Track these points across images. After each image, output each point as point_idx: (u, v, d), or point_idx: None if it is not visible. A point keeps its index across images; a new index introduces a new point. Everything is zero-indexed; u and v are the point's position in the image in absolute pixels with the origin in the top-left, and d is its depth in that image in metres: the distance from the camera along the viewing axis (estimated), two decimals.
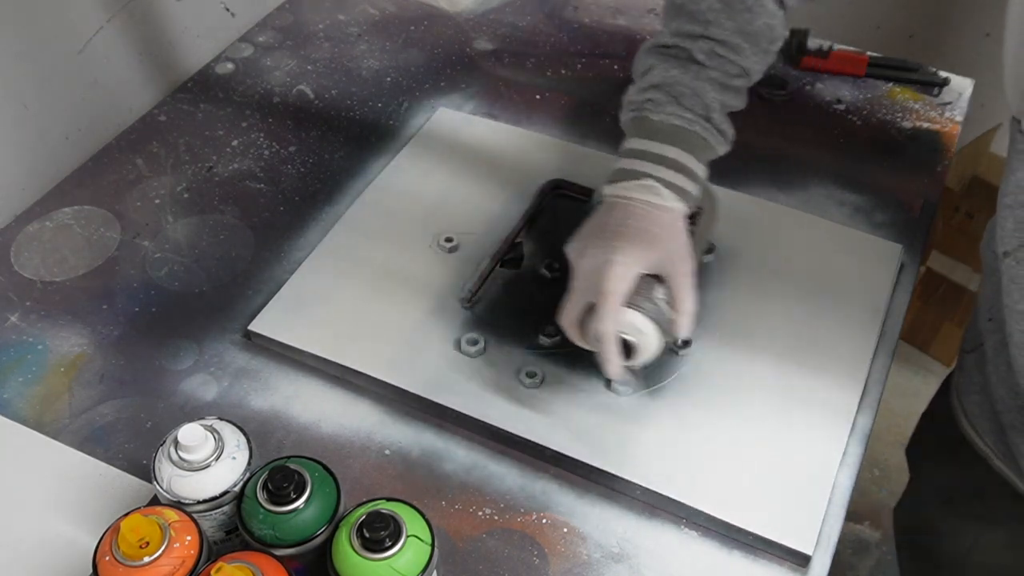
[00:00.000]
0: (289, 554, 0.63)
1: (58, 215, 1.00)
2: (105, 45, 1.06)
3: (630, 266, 0.71)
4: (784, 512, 0.73)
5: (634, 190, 0.74)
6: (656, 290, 0.74)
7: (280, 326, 0.86)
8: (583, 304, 0.73)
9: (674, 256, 0.73)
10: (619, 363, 0.72)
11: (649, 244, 0.72)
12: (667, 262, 0.72)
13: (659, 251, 0.72)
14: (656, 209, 0.73)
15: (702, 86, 0.74)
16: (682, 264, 0.73)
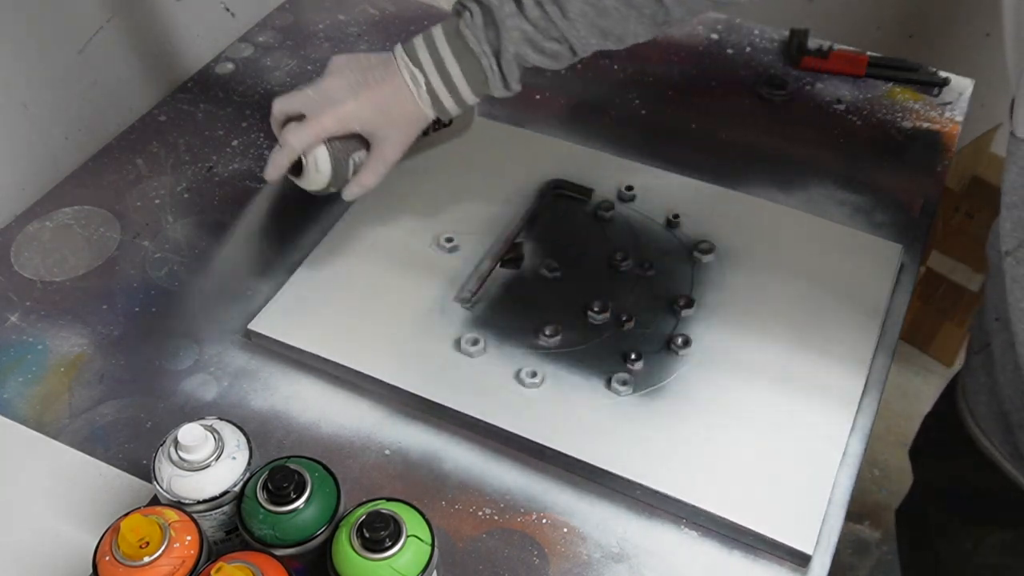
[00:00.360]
0: (289, 554, 0.63)
1: (58, 215, 1.00)
2: (105, 45, 1.06)
3: (351, 119, 0.79)
4: (784, 512, 0.73)
5: (406, 70, 0.79)
6: (359, 151, 0.81)
7: (280, 326, 0.86)
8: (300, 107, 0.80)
9: (390, 139, 0.80)
10: (279, 170, 0.80)
11: (381, 117, 0.79)
12: (382, 139, 0.80)
13: (383, 127, 0.79)
14: (408, 99, 0.79)
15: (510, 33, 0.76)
16: (390, 150, 0.80)
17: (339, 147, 0.81)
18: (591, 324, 0.86)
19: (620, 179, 0.99)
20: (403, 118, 0.80)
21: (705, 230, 0.94)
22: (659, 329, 0.86)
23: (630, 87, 1.15)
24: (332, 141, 0.80)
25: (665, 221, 0.96)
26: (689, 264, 0.92)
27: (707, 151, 1.06)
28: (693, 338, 0.84)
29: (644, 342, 0.85)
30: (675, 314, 0.87)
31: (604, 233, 0.95)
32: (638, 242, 0.94)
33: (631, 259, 0.91)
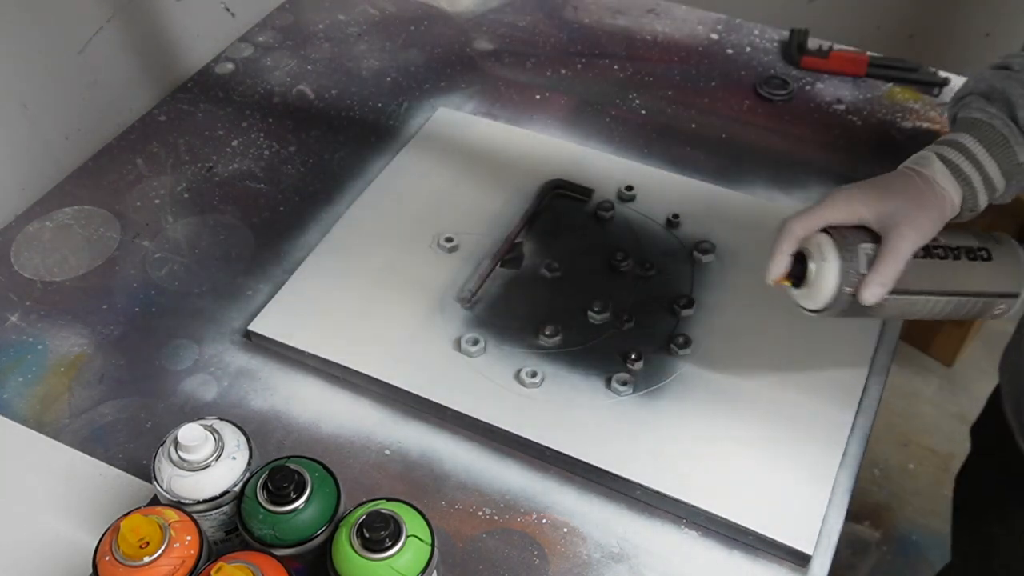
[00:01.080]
0: (289, 554, 0.63)
1: (58, 215, 1.00)
2: (105, 45, 1.06)
3: (851, 201, 0.70)
4: (784, 512, 0.73)
5: (911, 160, 0.72)
6: (865, 243, 0.70)
7: (280, 326, 0.86)
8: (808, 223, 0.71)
9: (901, 218, 0.68)
10: (780, 269, 0.71)
11: (882, 194, 0.70)
12: (890, 221, 0.69)
13: (887, 205, 0.69)
14: (915, 174, 0.71)
15: (1011, 85, 0.71)
16: (905, 230, 0.68)
17: (843, 236, 0.70)
18: (591, 324, 0.86)
19: (620, 179, 0.99)
20: (909, 192, 0.69)
21: (705, 230, 0.94)
22: (659, 329, 0.86)
23: (630, 87, 1.15)
24: (838, 230, 0.70)
25: (665, 221, 0.96)
26: (689, 264, 0.92)
27: (707, 151, 1.06)
28: (693, 338, 0.84)
29: (644, 342, 0.85)
30: (675, 314, 0.87)
31: (604, 233, 0.95)
32: (638, 242, 0.94)
33: (631, 259, 0.91)
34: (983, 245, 0.74)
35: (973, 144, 0.71)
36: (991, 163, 0.71)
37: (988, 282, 0.73)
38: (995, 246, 0.74)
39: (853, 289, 0.69)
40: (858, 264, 0.69)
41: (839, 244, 0.70)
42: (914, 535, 1.66)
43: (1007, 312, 0.74)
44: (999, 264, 0.74)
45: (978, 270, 0.73)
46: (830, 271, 0.70)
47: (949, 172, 0.70)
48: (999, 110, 0.72)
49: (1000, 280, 0.74)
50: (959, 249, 0.73)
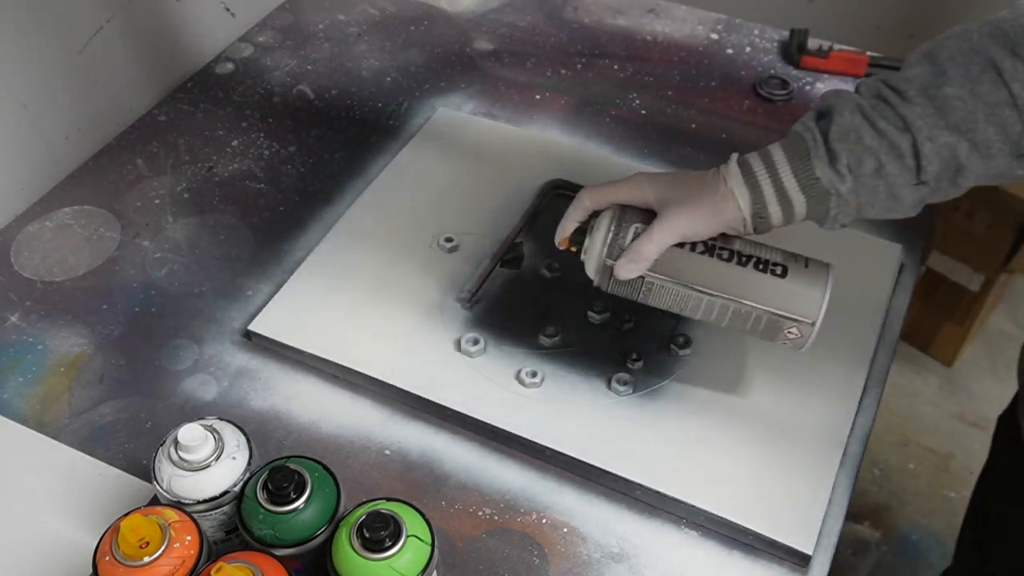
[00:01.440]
0: (289, 554, 0.63)
1: (58, 215, 1.00)
2: (105, 45, 1.06)
3: (642, 183, 0.72)
4: (784, 512, 0.73)
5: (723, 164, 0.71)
6: (638, 223, 0.72)
7: (280, 326, 0.86)
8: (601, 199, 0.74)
9: (673, 206, 0.70)
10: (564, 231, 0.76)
11: (671, 182, 0.71)
12: (664, 207, 0.70)
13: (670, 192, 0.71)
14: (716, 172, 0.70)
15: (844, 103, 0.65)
16: (670, 215, 0.70)
17: (626, 212, 0.72)
18: (591, 324, 0.86)
19: None
20: (701, 189, 0.69)
21: None
22: (659, 329, 0.86)
23: (630, 87, 1.15)
24: (624, 208, 0.73)
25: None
26: None
27: (707, 151, 1.06)
28: (693, 338, 0.84)
29: (644, 342, 0.85)
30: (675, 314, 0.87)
31: None
32: None
33: None
34: (783, 263, 0.72)
35: (778, 153, 0.68)
36: (788, 174, 0.67)
37: (773, 299, 0.71)
38: (798, 268, 0.72)
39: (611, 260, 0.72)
40: (624, 240, 0.72)
41: (615, 219, 0.72)
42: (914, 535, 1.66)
43: (801, 340, 0.72)
44: (792, 284, 0.71)
45: (764, 283, 0.71)
46: (597, 241, 0.73)
47: (741, 175, 0.68)
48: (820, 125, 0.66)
49: (788, 300, 0.71)
50: (750, 258, 0.72)
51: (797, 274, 0.71)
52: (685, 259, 0.71)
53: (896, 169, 0.64)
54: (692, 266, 0.72)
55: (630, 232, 0.71)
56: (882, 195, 0.65)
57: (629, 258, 0.71)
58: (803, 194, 0.67)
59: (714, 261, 0.71)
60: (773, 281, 0.71)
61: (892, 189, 0.65)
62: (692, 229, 0.70)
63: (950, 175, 0.65)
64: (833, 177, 0.65)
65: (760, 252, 0.72)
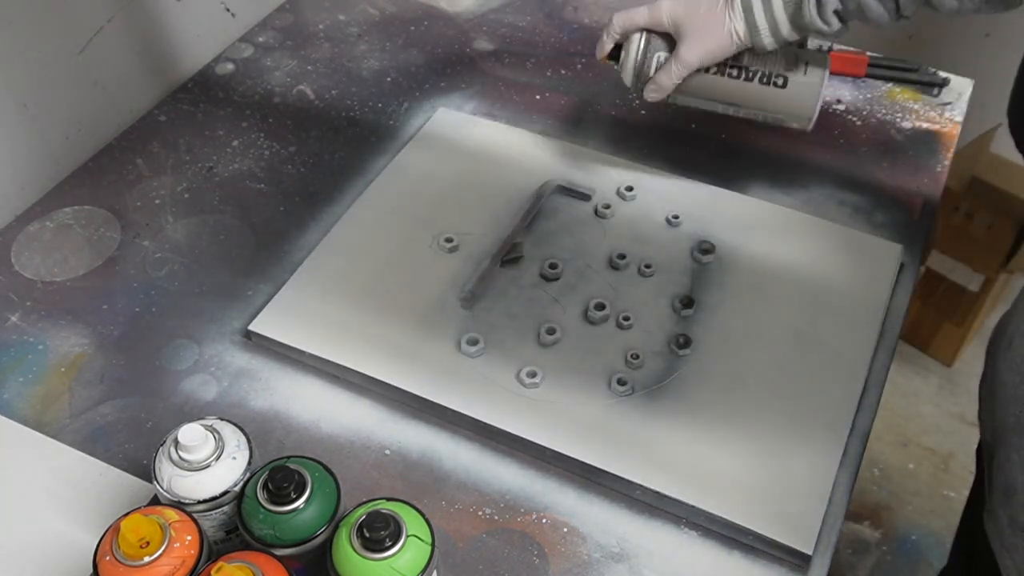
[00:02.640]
0: (289, 554, 0.63)
1: (58, 215, 1.00)
2: (105, 45, 1.06)
3: (662, 12, 0.86)
4: (784, 512, 0.73)
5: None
6: (661, 52, 0.88)
7: (280, 326, 0.86)
8: None
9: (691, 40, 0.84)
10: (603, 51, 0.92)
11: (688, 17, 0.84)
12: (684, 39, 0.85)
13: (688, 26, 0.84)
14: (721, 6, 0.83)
15: None
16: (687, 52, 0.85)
17: (651, 40, 0.88)
18: (591, 324, 0.86)
19: (620, 179, 0.99)
20: (710, 22, 0.83)
21: (705, 230, 0.94)
22: (659, 329, 0.86)
23: None
24: (650, 34, 0.88)
25: (665, 221, 0.96)
26: (689, 264, 0.92)
27: (707, 151, 1.06)
28: (693, 338, 0.85)
29: (644, 342, 0.85)
30: (675, 314, 0.87)
31: (604, 233, 0.95)
32: (638, 242, 0.94)
33: (631, 259, 0.91)
34: (784, 73, 0.88)
35: None
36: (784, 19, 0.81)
37: (775, 105, 0.90)
38: (797, 76, 0.88)
39: (643, 85, 0.90)
40: (649, 68, 0.89)
41: (640, 48, 0.89)
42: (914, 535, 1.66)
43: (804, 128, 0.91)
44: (791, 91, 0.89)
45: (768, 93, 0.89)
46: (628, 65, 0.90)
47: (743, 12, 0.82)
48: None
49: (787, 106, 0.90)
50: (755, 72, 0.88)
51: (796, 81, 0.89)
52: (700, 80, 0.89)
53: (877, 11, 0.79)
54: (707, 85, 0.90)
55: (653, 60, 0.89)
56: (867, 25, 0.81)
57: (654, 87, 0.89)
58: (794, 31, 0.82)
59: (725, 79, 0.89)
60: (775, 92, 0.89)
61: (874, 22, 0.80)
62: (702, 61, 0.86)
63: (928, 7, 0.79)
64: (820, 24, 0.81)
65: (765, 65, 0.88)
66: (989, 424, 0.81)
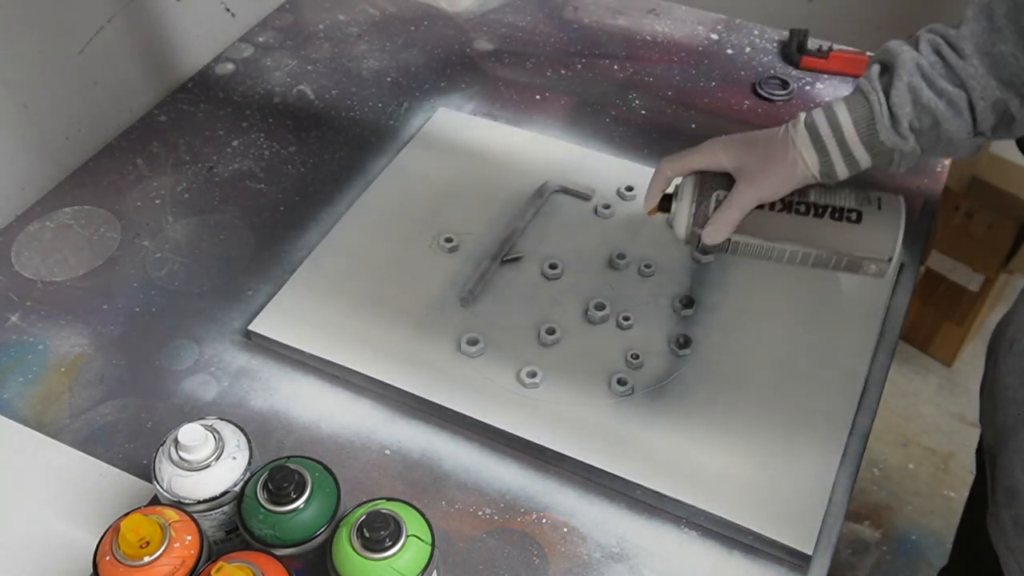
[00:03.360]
0: (289, 554, 0.63)
1: (58, 215, 1.00)
2: (105, 45, 1.06)
3: (716, 150, 0.76)
4: (784, 512, 0.73)
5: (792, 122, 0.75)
6: (721, 191, 0.77)
7: (280, 326, 0.86)
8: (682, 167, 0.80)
9: (748, 173, 0.75)
10: (652, 200, 0.81)
11: (744, 147, 0.76)
12: (741, 174, 0.75)
13: (744, 158, 0.75)
14: (785, 133, 0.74)
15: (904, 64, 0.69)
16: (744, 185, 0.75)
17: (707, 180, 0.78)
18: (591, 324, 0.86)
19: (620, 179, 0.99)
20: (772, 152, 0.74)
21: None
22: (659, 329, 0.86)
23: (630, 87, 1.15)
24: (704, 175, 0.78)
25: (665, 221, 0.95)
26: (689, 264, 0.92)
27: None
28: (693, 338, 0.85)
29: (644, 342, 0.85)
30: (675, 314, 0.87)
31: (604, 232, 0.95)
32: (638, 242, 0.94)
33: (631, 259, 0.91)
34: (857, 207, 0.77)
35: (843, 114, 0.72)
36: (855, 139, 0.72)
37: (851, 244, 0.78)
38: (871, 211, 0.77)
39: (701, 229, 0.78)
40: (708, 208, 0.78)
41: (697, 188, 0.78)
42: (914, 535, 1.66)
43: (880, 272, 0.79)
44: (867, 228, 0.77)
45: (842, 231, 0.78)
46: (683, 210, 0.79)
47: (809, 138, 0.73)
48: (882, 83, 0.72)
49: (865, 244, 0.78)
50: (826, 208, 0.77)
51: (871, 217, 0.78)
52: (765, 218, 0.78)
53: (953, 125, 0.69)
54: (773, 224, 0.78)
55: (712, 200, 0.77)
56: (942, 145, 0.72)
57: (715, 227, 0.77)
58: (868, 153, 0.73)
59: (792, 217, 0.78)
60: (850, 228, 0.78)
61: (951, 141, 0.71)
62: (768, 193, 0.76)
63: (1005, 125, 0.70)
64: (896, 139, 0.71)
65: (835, 200, 0.78)
66: (990, 426, 0.80)
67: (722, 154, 0.76)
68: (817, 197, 0.78)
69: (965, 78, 0.68)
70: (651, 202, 0.81)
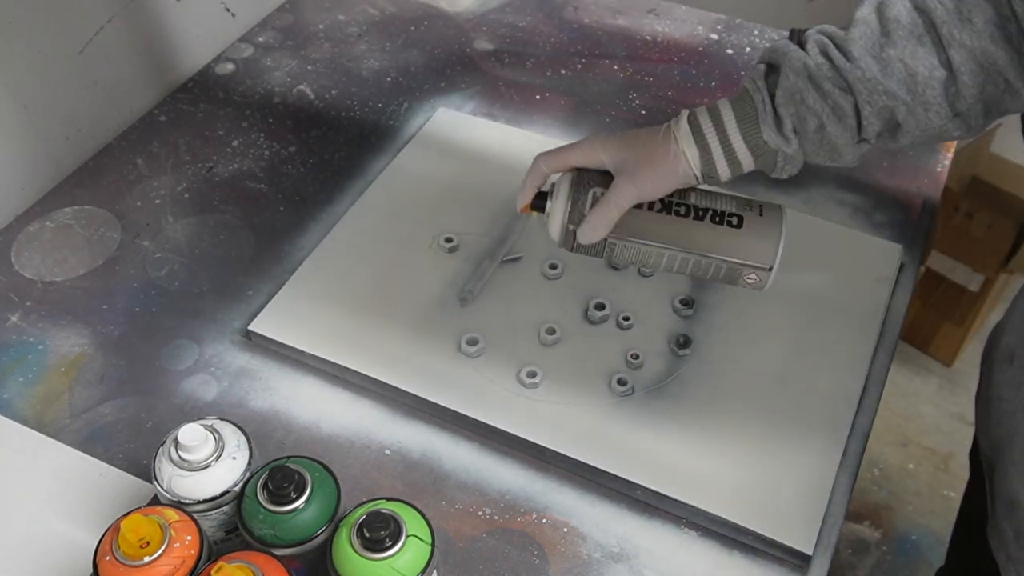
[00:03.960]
0: (289, 554, 0.63)
1: (58, 215, 1.00)
2: (105, 45, 1.06)
3: (595, 146, 0.73)
4: (784, 512, 0.73)
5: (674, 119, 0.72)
6: (597, 188, 0.73)
7: (280, 326, 0.86)
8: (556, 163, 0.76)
9: (627, 170, 0.71)
10: (525, 197, 0.76)
11: (625, 144, 0.72)
12: (619, 171, 0.72)
13: (624, 155, 0.72)
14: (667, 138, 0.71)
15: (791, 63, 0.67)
16: (624, 182, 0.71)
17: (584, 176, 0.74)
18: (591, 324, 0.86)
19: None
20: (653, 150, 0.71)
21: None
22: (659, 329, 0.86)
23: (630, 87, 1.15)
24: (581, 172, 0.74)
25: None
26: None
27: None
28: (693, 338, 0.85)
29: (644, 342, 0.85)
30: (675, 314, 0.87)
31: None
32: None
33: None
34: (739, 212, 0.74)
35: (727, 113, 0.70)
36: (738, 137, 0.69)
37: (730, 249, 0.74)
38: (753, 217, 0.74)
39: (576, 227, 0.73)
40: (584, 206, 0.73)
41: (574, 185, 0.73)
42: (914, 535, 1.66)
43: (760, 283, 0.75)
44: (748, 234, 0.73)
45: (721, 235, 0.73)
46: (558, 208, 0.74)
47: (692, 135, 0.70)
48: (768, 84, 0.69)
49: (745, 250, 0.74)
50: (706, 211, 0.74)
51: (752, 223, 0.74)
52: (644, 219, 0.74)
53: (837, 130, 0.67)
54: (651, 225, 0.74)
55: (588, 197, 0.73)
56: (825, 150, 0.69)
57: (590, 225, 0.72)
58: (751, 154, 0.70)
59: (671, 218, 0.74)
60: (729, 233, 0.73)
61: (834, 146, 0.68)
62: (648, 191, 0.72)
63: (889, 133, 0.67)
64: (779, 140, 0.68)
65: (716, 204, 0.74)
66: (986, 436, 0.80)
67: (601, 151, 0.73)
68: (698, 200, 0.74)
69: (852, 81, 0.65)
70: (524, 199, 0.76)
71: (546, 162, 0.75)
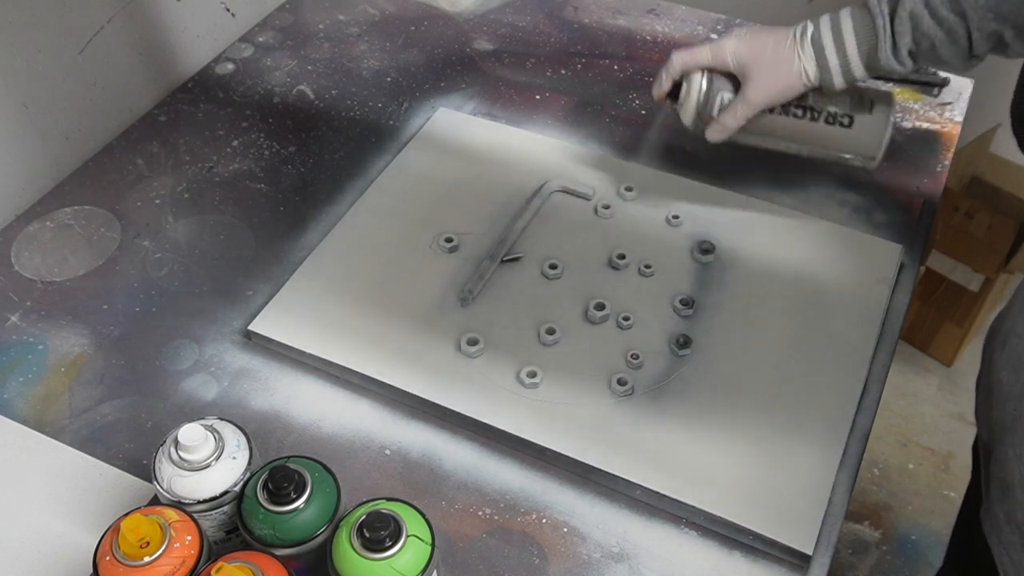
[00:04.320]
0: (289, 554, 0.63)
1: (58, 215, 1.00)
2: (105, 45, 1.06)
3: (726, 52, 0.84)
4: (784, 511, 0.73)
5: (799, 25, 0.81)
6: (725, 92, 0.86)
7: (280, 326, 0.86)
8: None
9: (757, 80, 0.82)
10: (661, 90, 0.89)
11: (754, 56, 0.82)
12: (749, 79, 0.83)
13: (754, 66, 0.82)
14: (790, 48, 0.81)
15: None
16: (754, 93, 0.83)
17: (714, 80, 0.86)
18: (591, 324, 0.86)
19: (620, 179, 0.99)
20: (778, 63, 0.81)
21: (705, 230, 0.94)
22: (659, 329, 0.86)
23: (630, 87, 1.15)
24: (713, 73, 0.86)
25: (665, 221, 0.96)
26: (689, 264, 0.92)
27: (707, 151, 1.06)
28: (693, 338, 0.85)
29: (644, 342, 0.85)
30: (675, 314, 0.87)
31: (604, 233, 0.95)
32: (638, 242, 0.94)
33: (631, 259, 0.91)
34: (850, 112, 0.86)
35: (849, 37, 0.79)
36: (856, 59, 0.79)
37: (839, 145, 0.88)
38: (863, 117, 0.87)
39: (705, 124, 0.88)
40: (712, 108, 0.87)
41: (706, 87, 0.86)
42: (914, 535, 1.66)
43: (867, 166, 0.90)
44: (857, 132, 0.87)
45: (833, 133, 0.87)
46: (690, 105, 0.88)
47: (815, 56, 0.80)
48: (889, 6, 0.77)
49: (853, 146, 0.88)
50: (820, 112, 0.86)
51: (861, 123, 0.87)
52: (763, 119, 0.87)
53: (949, 52, 0.77)
54: (770, 125, 0.88)
55: (717, 101, 0.86)
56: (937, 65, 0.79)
57: (716, 128, 0.87)
58: (867, 72, 0.80)
59: (790, 120, 0.87)
60: (841, 132, 0.87)
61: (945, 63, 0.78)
62: (769, 101, 0.84)
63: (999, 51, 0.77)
64: (895, 64, 0.78)
65: (831, 105, 0.86)
66: (986, 421, 0.81)
67: (730, 56, 0.83)
68: (814, 101, 0.86)
69: (965, 8, 0.73)
70: (660, 88, 0.88)
71: (678, 59, 0.86)
